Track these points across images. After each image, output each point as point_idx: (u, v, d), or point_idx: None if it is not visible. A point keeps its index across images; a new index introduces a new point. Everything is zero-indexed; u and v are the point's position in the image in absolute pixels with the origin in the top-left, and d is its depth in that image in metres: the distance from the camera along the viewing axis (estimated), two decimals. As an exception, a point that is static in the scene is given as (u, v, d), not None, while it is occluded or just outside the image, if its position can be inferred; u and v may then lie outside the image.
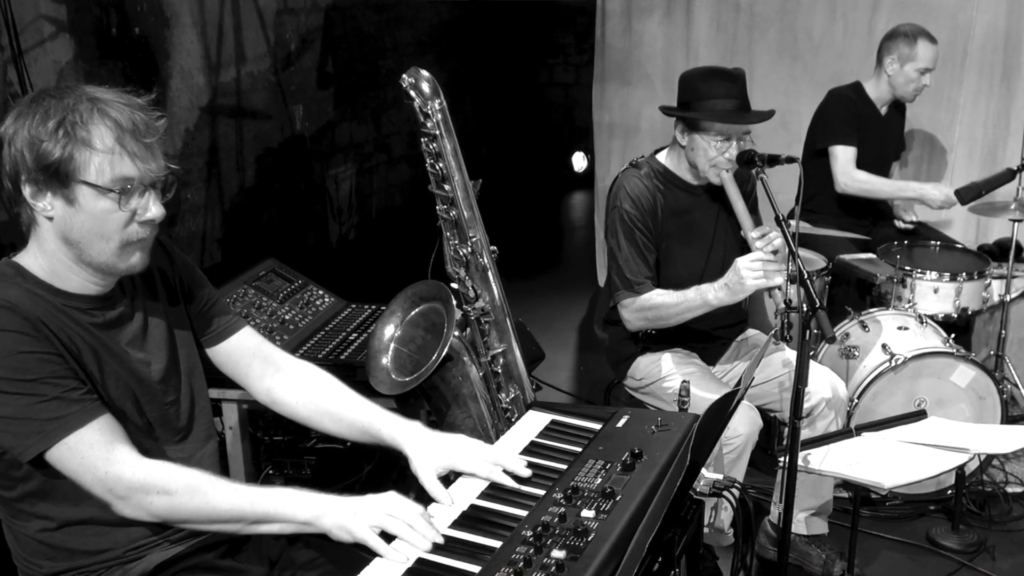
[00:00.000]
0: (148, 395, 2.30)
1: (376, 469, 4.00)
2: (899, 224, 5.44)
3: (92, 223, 2.08)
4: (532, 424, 2.59)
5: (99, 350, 2.19)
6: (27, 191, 2.07)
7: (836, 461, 3.16)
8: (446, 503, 2.19)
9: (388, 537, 2.06)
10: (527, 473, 2.26)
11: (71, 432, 2.04)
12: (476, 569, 1.93)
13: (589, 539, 1.97)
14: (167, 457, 2.28)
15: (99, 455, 2.06)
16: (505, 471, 2.26)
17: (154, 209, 2.12)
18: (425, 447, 2.34)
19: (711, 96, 3.58)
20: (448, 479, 2.31)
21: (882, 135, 5.38)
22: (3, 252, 2.21)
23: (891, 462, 3.11)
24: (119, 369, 2.23)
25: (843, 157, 5.19)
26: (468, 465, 2.29)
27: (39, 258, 2.15)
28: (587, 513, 2.06)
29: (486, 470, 2.26)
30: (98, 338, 2.19)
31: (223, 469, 2.48)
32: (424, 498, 2.21)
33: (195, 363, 2.48)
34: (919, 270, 4.64)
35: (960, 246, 5.10)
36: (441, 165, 2.85)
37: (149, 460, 2.12)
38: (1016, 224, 4.73)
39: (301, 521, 2.13)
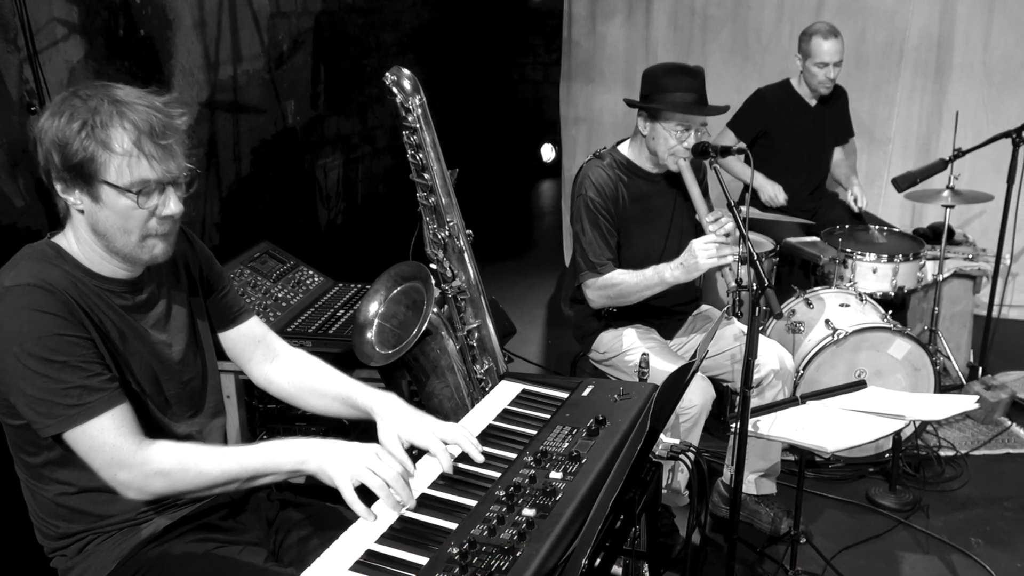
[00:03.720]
0: (168, 374, 2.29)
1: (364, 434, 4.00)
2: (849, 202, 5.40)
3: (115, 218, 2.07)
4: (504, 393, 2.58)
5: (125, 331, 2.19)
6: (58, 187, 2.07)
7: (783, 427, 3.16)
8: (409, 470, 2.13)
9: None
10: (480, 459, 2.21)
11: (89, 419, 2.03)
12: (453, 526, 1.92)
13: (557, 499, 1.97)
14: (180, 431, 2.30)
15: (108, 441, 2.04)
16: (461, 452, 2.22)
17: (172, 206, 2.10)
18: (393, 417, 2.31)
19: (674, 89, 3.56)
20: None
21: (817, 123, 5.36)
22: (22, 237, 2.19)
23: (833, 428, 3.12)
24: (142, 349, 2.23)
25: (727, 142, 5.16)
26: (422, 441, 2.23)
27: (74, 244, 2.15)
28: (555, 475, 2.06)
29: (437, 448, 2.20)
30: (126, 320, 2.19)
31: (224, 436, 2.48)
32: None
33: (209, 344, 2.48)
34: (859, 252, 4.66)
35: (897, 230, 5.12)
36: (421, 156, 2.84)
37: (148, 443, 2.10)
38: (948, 210, 4.76)
39: (288, 470, 2.13)
